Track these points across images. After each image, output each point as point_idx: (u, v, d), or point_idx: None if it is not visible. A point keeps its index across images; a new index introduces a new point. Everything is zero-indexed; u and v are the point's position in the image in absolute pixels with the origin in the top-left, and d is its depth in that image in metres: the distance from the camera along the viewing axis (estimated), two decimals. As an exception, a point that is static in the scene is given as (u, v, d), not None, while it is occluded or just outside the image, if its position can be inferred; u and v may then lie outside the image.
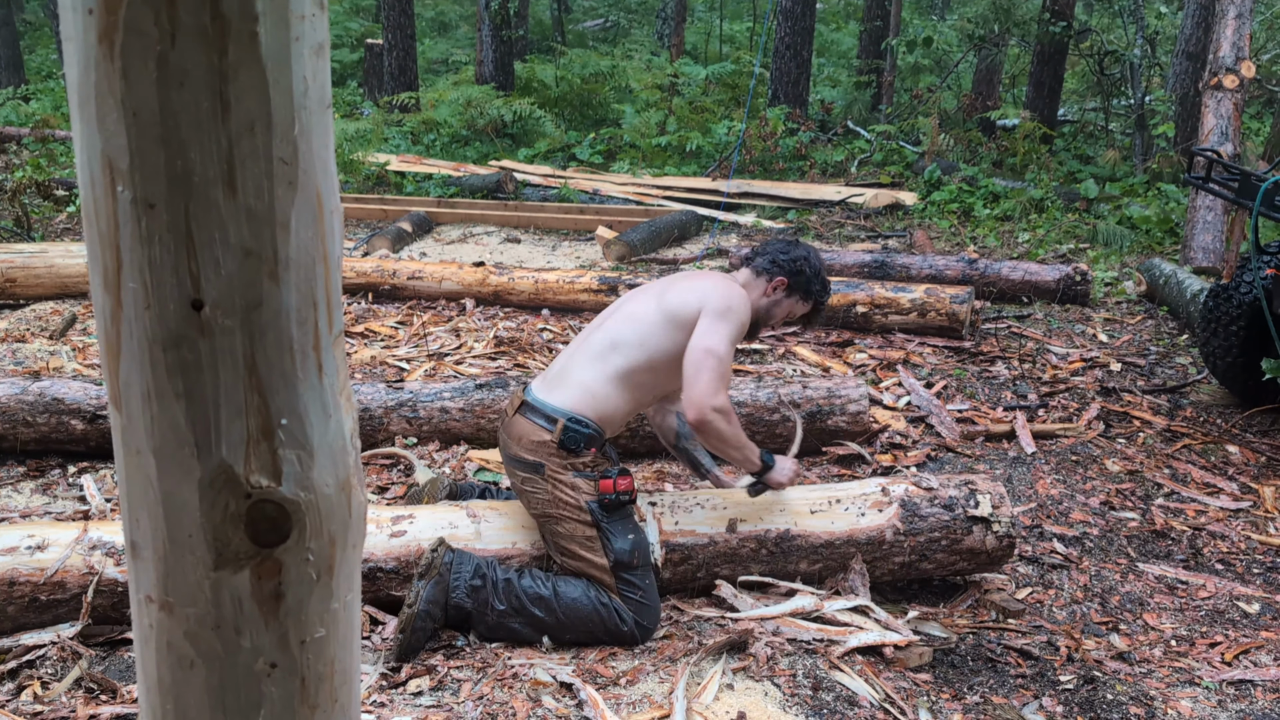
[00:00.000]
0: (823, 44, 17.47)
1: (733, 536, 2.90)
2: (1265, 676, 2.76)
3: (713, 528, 2.91)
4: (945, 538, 2.96)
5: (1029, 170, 9.62)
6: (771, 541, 2.91)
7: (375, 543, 2.78)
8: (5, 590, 2.58)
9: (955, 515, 2.97)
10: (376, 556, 2.76)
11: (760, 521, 2.93)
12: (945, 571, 3.05)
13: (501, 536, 2.86)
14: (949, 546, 2.97)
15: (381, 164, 10.01)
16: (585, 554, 2.68)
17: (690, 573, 2.90)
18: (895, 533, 2.95)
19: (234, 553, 0.81)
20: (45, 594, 2.60)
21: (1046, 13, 10.59)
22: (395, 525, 2.82)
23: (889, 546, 2.95)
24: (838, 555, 2.94)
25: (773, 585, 2.92)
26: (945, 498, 3.00)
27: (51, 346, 4.93)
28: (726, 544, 2.90)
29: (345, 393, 0.85)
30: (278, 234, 0.75)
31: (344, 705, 0.93)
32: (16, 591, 2.59)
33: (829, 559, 2.94)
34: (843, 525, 2.95)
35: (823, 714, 2.44)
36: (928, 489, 3.02)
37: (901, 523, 2.95)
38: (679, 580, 2.91)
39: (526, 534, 2.86)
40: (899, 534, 2.95)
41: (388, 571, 2.77)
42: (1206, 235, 6.68)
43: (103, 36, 0.69)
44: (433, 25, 20.62)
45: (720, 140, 10.97)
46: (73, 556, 2.63)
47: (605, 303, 5.69)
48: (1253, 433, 4.39)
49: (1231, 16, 6.62)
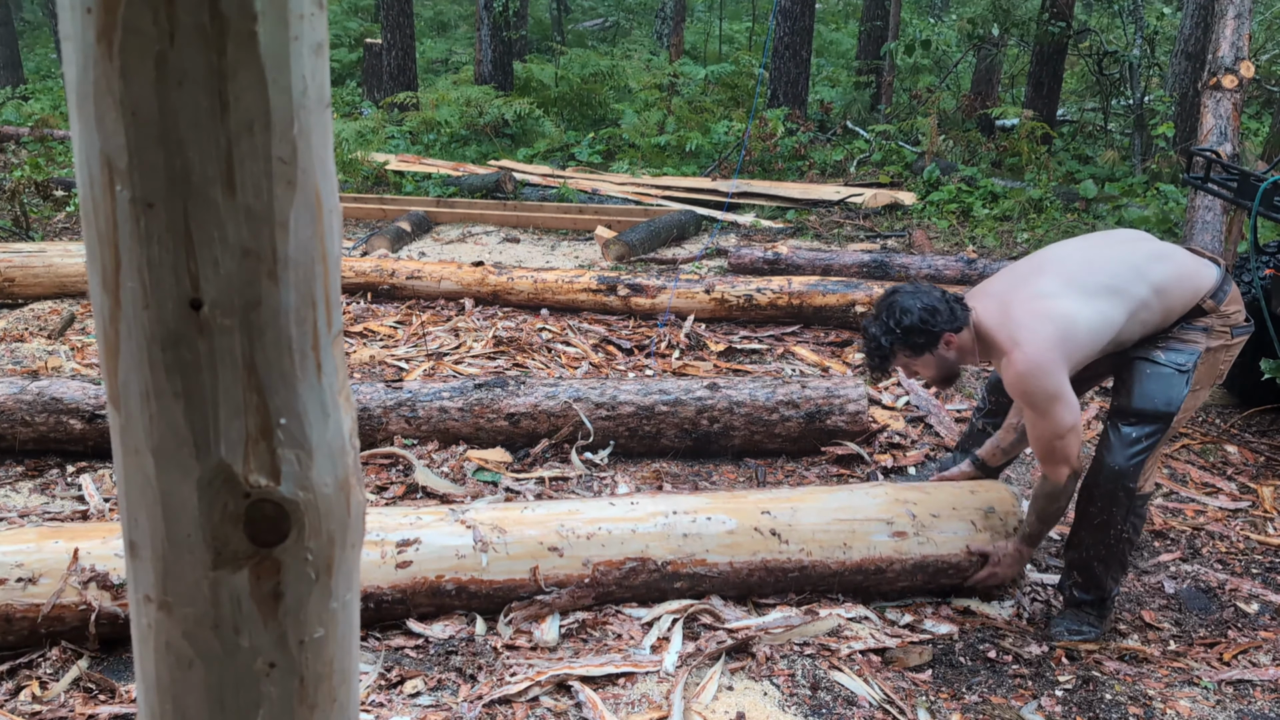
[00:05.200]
0: (822, 44, 17.47)
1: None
2: (1264, 676, 2.76)
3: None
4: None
5: (1028, 170, 9.62)
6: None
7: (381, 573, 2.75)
8: (3, 625, 2.55)
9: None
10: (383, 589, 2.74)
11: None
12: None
13: (510, 568, 2.80)
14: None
15: (380, 163, 10.01)
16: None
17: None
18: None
19: (233, 552, 0.81)
20: (46, 627, 2.57)
21: (1045, 13, 10.59)
22: (400, 554, 2.77)
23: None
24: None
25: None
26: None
27: (50, 346, 4.93)
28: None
29: (344, 392, 0.85)
30: (276, 233, 0.75)
31: (343, 705, 0.93)
32: (15, 626, 2.57)
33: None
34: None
35: (821, 714, 2.44)
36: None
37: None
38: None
39: (533, 561, 2.81)
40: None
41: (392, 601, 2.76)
42: (1205, 235, 6.68)
43: (101, 36, 0.69)
44: (432, 25, 20.61)
45: (719, 140, 10.97)
46: (66, 590, 2.56)
47: (604, 303, 5.70)
48: (1251, 433, 4.39)
49: (1230, 17, 6.62)
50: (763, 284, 5.61)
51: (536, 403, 3.91)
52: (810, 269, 6.42)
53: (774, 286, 5.58)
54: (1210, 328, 2.72)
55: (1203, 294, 2.70)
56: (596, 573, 2.81)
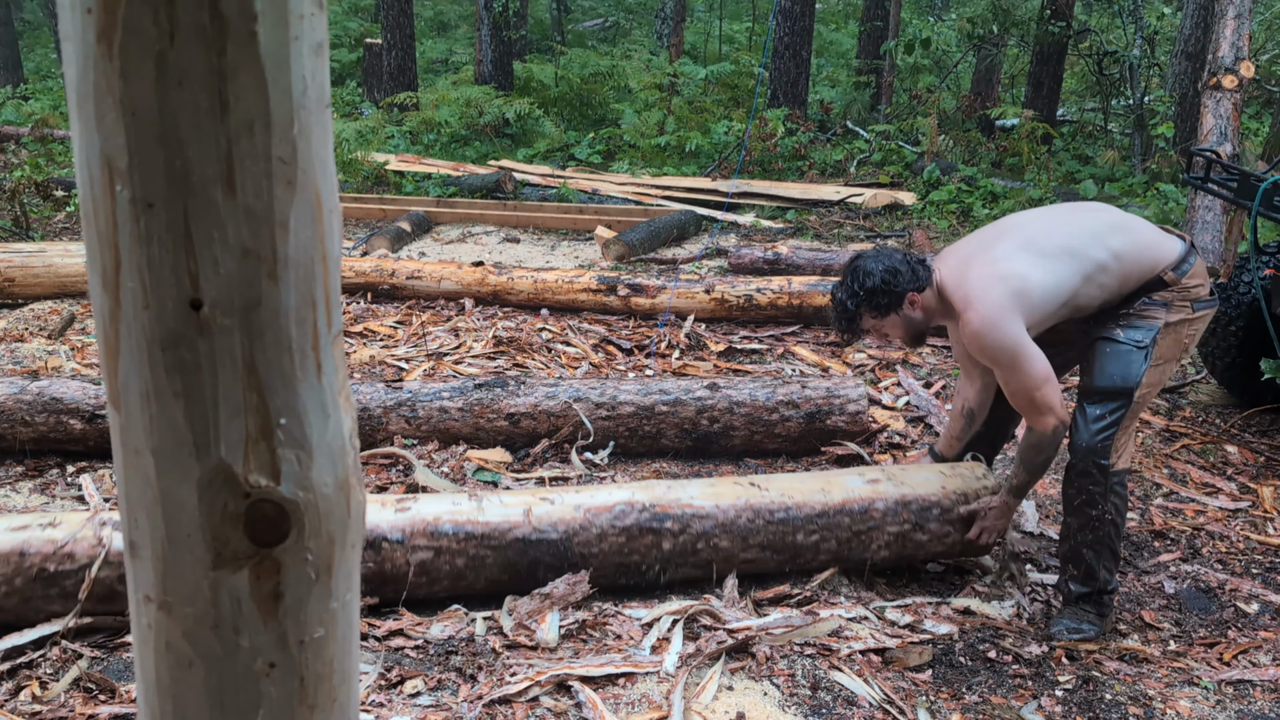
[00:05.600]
0: (822, 44, 17.47)
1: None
2: (1263, 676, 2.76)
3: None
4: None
5: (1028, 170, 9.62)
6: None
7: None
8: (16, 561, 2.59)
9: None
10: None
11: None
12: (940, 547, 3.07)
13: (505, 513, 2.90)
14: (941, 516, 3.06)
15: (380, 163, 10.01)
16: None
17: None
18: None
19: (233, 552, 0.81)
20: (54, 564, 2.61)
21: (1046, 12, 10.59)
22: (400, 504, 2.89)
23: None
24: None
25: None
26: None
27: (50, 346, 4.93)
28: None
29: (344, 392, 0.85)
30: (276, 233, 0.75)
31: (343, 705, 0.93)
32: (26, 563, 2.60)
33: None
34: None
35: (821, 714, 2.44)
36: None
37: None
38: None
39: (526, 506, 2.93)
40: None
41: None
42: (1205, 235, 6.68)
43: (101, 36, 0.69)
44: (432, 25, 20.62)
45: (719, 140, 10.97)
46: (84, 530, 2.67)
47: (604, 303, 5.70)
48: (1251, 433, 4.39)
49: (1230, 17, 6.62)
50: (763, 284, 5.61)
51: (536, 403, 3.91)
52: (810, 269, 6.42)
53: (774, 286, 5.58)
54: (1170, 302, 2.78)
55: (1162, 266, 2.77)
56: (588, 515, 2.88)
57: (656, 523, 2.90)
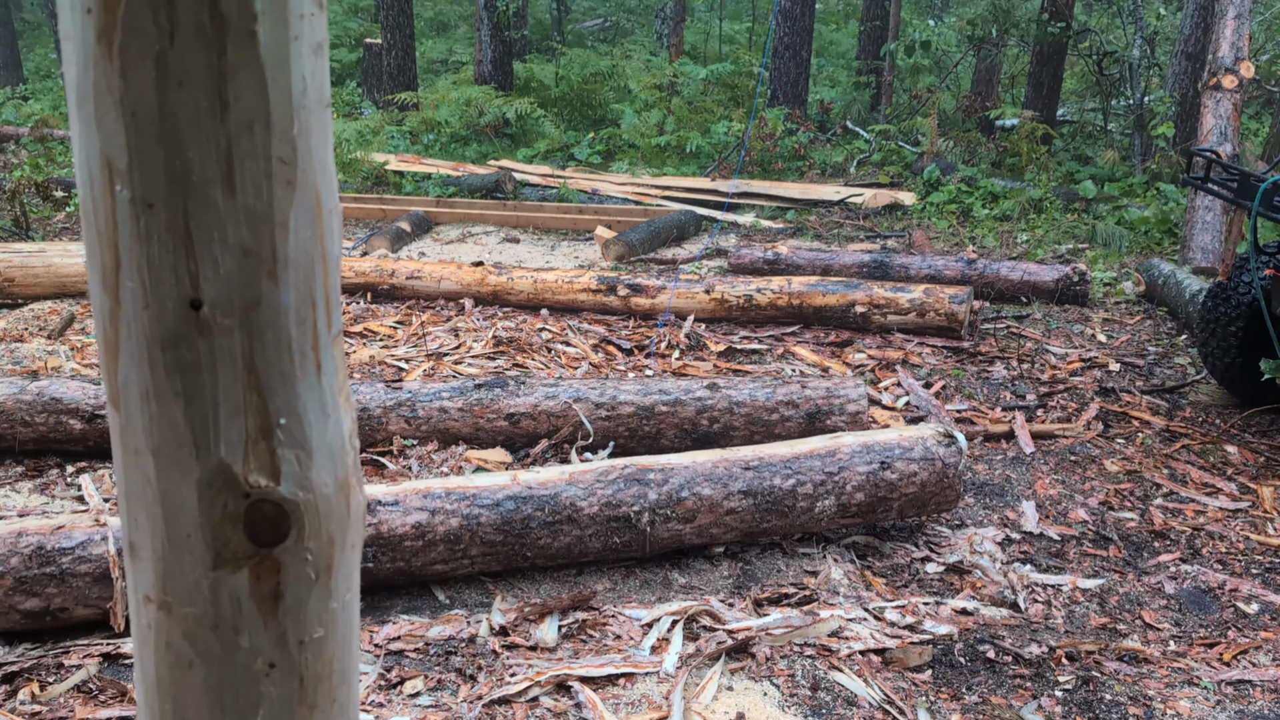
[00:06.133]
0: (822, 44, 17.47)
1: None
2: (1263, 677, 2.76)
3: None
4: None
5: (1028, 171, 9.62)
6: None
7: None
8: (13, 540, 2.61)
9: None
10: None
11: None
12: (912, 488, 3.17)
13: (492, 479, 2.99)
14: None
15: (380, 163, 10.01)
16: None
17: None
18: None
19: (232, 552, 0.81)
20: (52, 542, 2.62)
21: (1045, 13, 10.59)
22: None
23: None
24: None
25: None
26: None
27: (50, 346, 4.93)
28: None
29: (344, 392, 0.85)
30: (276, 233, 0.74)
31: (342, 705, 0.93)
32: (23, 543, 2.61)
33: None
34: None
35: (821, 714, 2.44)
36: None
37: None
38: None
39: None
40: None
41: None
42: (1205, 235, 6.68)
43: (101, 36, 0.69)
44: (432, 25, 20.61)
45: (719, 140, 10.97)
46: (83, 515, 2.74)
47: (604, 303, 5.70)
48: (1251, 433, 4.39)
49: (1230, 17, 6.62)
50: (763, 284, 5.60)
51: (536, 403, 3.91)
52: (810, 269, 6.42)
53: (774, 287, 5.58)
54: None
55: None
56: (573, 475, 3.06)
57: (640, 475, 3.09)
